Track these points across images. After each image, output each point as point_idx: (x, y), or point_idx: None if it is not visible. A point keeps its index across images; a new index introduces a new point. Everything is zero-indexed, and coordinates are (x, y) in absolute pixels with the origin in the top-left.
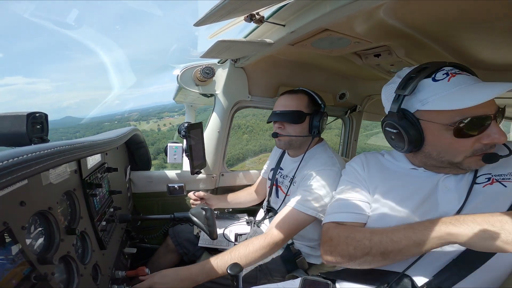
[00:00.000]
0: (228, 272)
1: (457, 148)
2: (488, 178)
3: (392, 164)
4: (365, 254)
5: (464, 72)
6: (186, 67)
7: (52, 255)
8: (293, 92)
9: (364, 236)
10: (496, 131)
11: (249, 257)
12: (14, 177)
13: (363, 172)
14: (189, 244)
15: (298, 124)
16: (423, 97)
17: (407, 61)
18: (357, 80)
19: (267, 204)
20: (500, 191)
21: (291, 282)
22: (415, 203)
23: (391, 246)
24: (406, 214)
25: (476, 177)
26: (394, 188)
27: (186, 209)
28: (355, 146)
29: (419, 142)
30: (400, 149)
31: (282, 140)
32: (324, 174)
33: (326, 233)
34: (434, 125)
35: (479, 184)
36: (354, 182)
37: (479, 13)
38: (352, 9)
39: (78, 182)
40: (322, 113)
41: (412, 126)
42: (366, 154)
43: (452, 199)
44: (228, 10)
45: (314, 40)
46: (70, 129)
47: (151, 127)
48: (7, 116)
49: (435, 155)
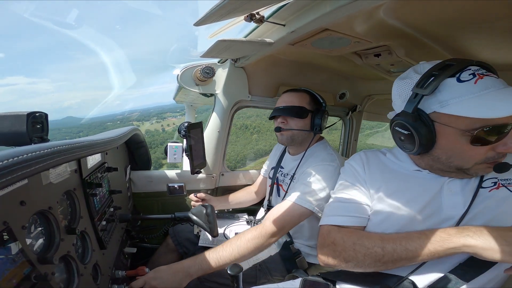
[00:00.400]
0: (228, 272)
1: (470, 155)
2: (494, 183)
3: (395, 164)
4: (375, 261)
5: (491, 73)
6: (186, 67)
7: (52, 254)
8: (295, 90)
9: (374, 243)
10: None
11: (242, 248)
12: (14, 177)
13: (363, 172)
14: (189, 243)
15: (301, 119)
16: (444, 98)
17: (407, 61)
18: (357, 80)
19: (268, 203)
20: (506, 196)
21: (291, 282)
22: (419, 206)
23: (405, 254)
24: (409, 217)
25: (482, 181)
26: (398, 190)
27: (186, 209)
28: (355, 146)
29: (430, 145)
30: (409, 151)
31: (284, 135)
32: (322, 169)
33: (327, 236)
34: (450, 129)
35: (485, 188)
36: (354, 183)
37: (479, 13)
38: (352, 9)
39: (78, 181)
40: (324, 111)
41: (426, 129)
42: (367, 152)
43: (457, 203)
44: (228, 10)
45: (314, 40)
46: (73, 129)
47: (155, 127)
48: (7, 116)
49: (444, 159)
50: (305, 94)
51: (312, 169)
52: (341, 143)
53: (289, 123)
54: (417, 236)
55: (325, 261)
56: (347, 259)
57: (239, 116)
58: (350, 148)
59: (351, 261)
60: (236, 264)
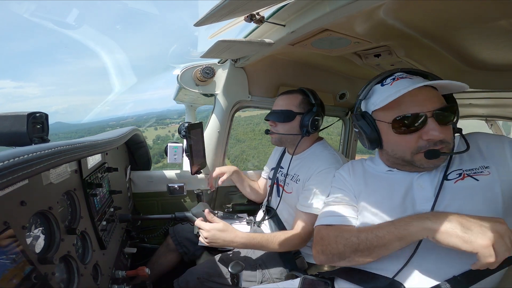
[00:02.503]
0: (229, 271)
1: (402, 144)
2: (459, 174)
3: (372, 169)
4: (354, 250)
5: (415, 76)
6: (186, 67)
7: (53, 254)
8: (289, 93)
9: (351, 234)
10: (433, 128)
11: (284, 245)
12: (15, 177)
13: (349, 178)
14: (189, 243)
15: (287, 122)
16: (374, 100)
17: (407, 61)
18: (357, 80)
19: (267, 204)
20: (473, 185)
21: (290, 282)
22: (395, 203)
23: (376, 241)
24: (388, 213)
25: (446, 174)
26: (375, 191)
27: (186, 209)
28: (355, 146)
29: (377, 140)
30: (366, 146)
31: (273, 137)
32: (331, 173)
33: (317, 234)
34: (383, 124)
35: (451, 180)
36: (342, 189)
37: (479, 13)
38: (352, 9)
39: (78, 182)
40: (314, 112)
41: (368, 126)
42: (353, 162)
43: (426, 197)
44: (228, 10)
45: (314, 40)
46: (73, 134)
47: (165, 133)
48: (7, 116)
49: (390, 152)
50: (298, 95)
51: (321, 174)
52: (341, 143)
53: (277, 126)
54: (386, 224)
55: (317, 257)
56: (332, 252)
57: (245, 123)
58: (350, 148)
59: (336, 253)
60: (237, 262)
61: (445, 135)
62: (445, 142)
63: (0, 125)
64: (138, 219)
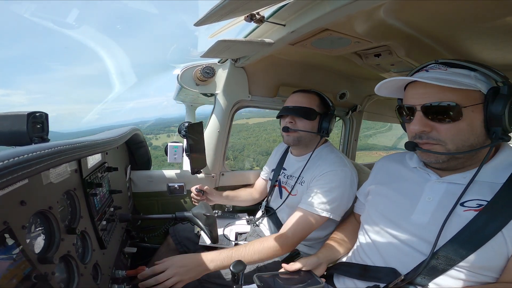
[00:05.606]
0: (230, 270)
1: (408, 131)
2: (479, 205)
3: (405, 162)
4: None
5: (453, 68)
6: (186, 67)
7: (53, 254)
8: (306, 91)
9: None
10: (415, 121)
11: (263, 254)
12: (15, 177)
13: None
14: (190, 242)
15: (309, 120)
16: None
17: (407, 61)
18: (357, 80)
19: (266, 203)
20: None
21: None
22: (401, 200)
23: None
24: (390, 207)
25: (461, 197)
26: (391, 183)
27: (186, 208)
28: (355, 146)
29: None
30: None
31: (291, 135)
32: (337, 175)
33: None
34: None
35: (464, 207)
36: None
37: (479, 13)
38: (352, 9)
39: (78, 181)
40: (332, 115)
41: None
42: (405, 153)
43: (428, 214)
44: (228, 10)
45: (314, 40)
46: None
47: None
48: (7, 116)
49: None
50: (315, 96)
51: (326, 175)
52: (341, 143)
53: (297, 123)
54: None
55: None
56: None
57: (249, 127)
58: (350, 148)
59: None
60: (239, 261)
61: (438, 133)
62: (437, 140)
63: (0, 124)
64: (138, 218)
